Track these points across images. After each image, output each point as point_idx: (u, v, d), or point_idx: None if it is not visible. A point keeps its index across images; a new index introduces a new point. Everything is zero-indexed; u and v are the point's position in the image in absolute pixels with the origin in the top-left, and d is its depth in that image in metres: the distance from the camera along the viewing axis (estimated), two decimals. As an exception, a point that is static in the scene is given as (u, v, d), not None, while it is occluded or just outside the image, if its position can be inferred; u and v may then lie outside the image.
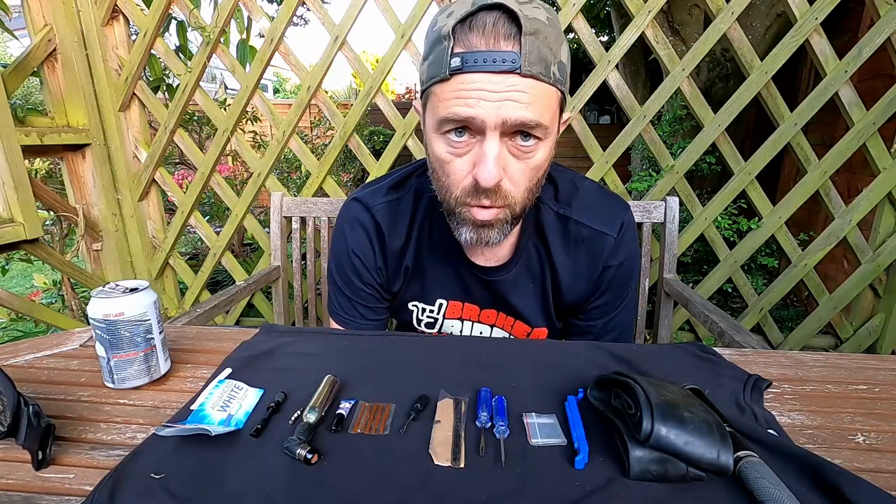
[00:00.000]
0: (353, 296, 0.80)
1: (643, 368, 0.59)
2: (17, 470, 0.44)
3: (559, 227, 0.71)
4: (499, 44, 0.50)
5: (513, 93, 0.51)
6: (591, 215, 0.71)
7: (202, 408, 0.51)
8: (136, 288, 0.58)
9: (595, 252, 0.71)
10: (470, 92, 0.52)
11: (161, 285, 1.88)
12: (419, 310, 0.80)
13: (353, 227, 0.76)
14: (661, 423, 0.39)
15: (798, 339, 1.63)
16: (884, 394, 0.56)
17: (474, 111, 0.52)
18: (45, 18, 1.47)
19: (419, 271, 0.77)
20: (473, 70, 0.51)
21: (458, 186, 0.59)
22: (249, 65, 1.61)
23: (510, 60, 0.50)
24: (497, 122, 0.52)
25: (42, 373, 0.62)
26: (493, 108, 0.51)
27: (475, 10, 0.51)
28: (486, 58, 0.50)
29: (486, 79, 0.51)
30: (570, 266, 0.72)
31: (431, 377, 0.58)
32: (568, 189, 0.72)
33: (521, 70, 0.50)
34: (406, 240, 0.75)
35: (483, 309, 0.78)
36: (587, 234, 0.71)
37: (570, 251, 0.72)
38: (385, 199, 0.75)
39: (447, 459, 0.44)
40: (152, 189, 1.77)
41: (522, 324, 0.78)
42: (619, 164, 1.53)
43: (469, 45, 0.51)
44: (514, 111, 0.52)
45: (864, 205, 1.46)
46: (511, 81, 0.51)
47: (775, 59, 1.37)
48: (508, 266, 0.73)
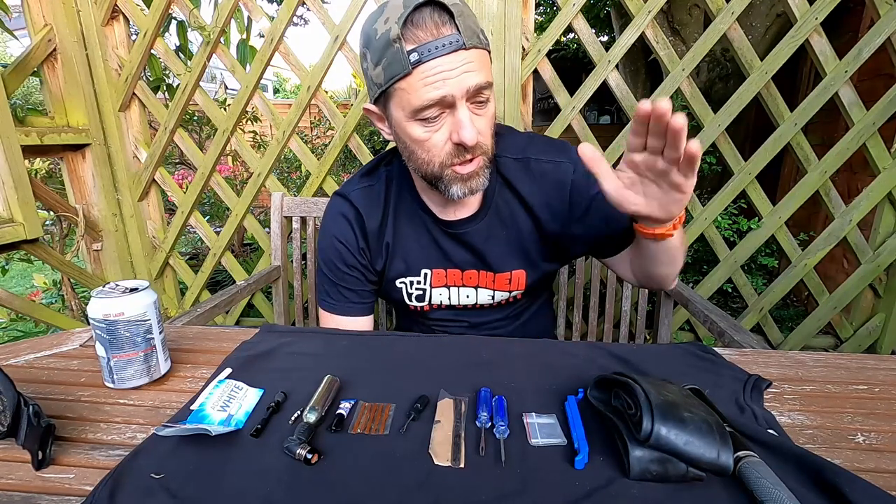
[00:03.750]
0: (338, 281, 0.85)
1: (643, 368, 0.59)
2: (17, 470, 0.44)
3: (522, 170, 0.79)
4: (441, 31, 0.60)
5: (465, 65, 0.61)
6: (546, 152, 0.80)
7: (202, 408, 0.51)
8: (136, 288, 0.58)
9: (560, 179, 0.78)
10: (434, 76, 0.61)
11: (161, 285, 1.88)
12: (407, 284, 0.85)
13: (334, 218, 0.84)
14: (662, 423, 0.39)
15: (798, 339, 1.63)
16: (884, 394, 0.56)
17: (443, 90, 0.61)
18: (45, 18, 1.47)
19: (400, 246, 0.83)
20: (430, 58, 0.60)
21: (439, 156, 0.68)
22: (249, 65, 1.60)
23: (454, 41, 0.60)
24: (462, 92, 0.62)
25: (42, 373, 0.62)
26: (455, 83, 0.61)
27: (411, 10, 0.60)
28: (437, 45, 0.60)
29: (443, 61, 0.60)
30: (542, 198, 0.79)
31: (431, 377, 0.58)
32: (520, 140, 0.82)
33: (466, 45, 0.61)
34: (383, 218, 0.83)
35: (464, 271, 0.84)
36: (548, 168, 0.79)
37: (539, 185, 0.79)
38: (359, 186, 0.84)
39: (447, 459, 0.44)
40: (152, 189, 1.77)
41: (501, 276, 0.83)
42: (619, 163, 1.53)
43: (418, 40, 0.60)
44: (471, 79, 0.62)
45: (864, 205, 1.46)
46: (461, 57, 0.61)
47: (775, 59, 1.36)
48: (478, 217, 0.80)
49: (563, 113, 1.46)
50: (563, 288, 1.28)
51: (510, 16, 1.35)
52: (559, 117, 1.47)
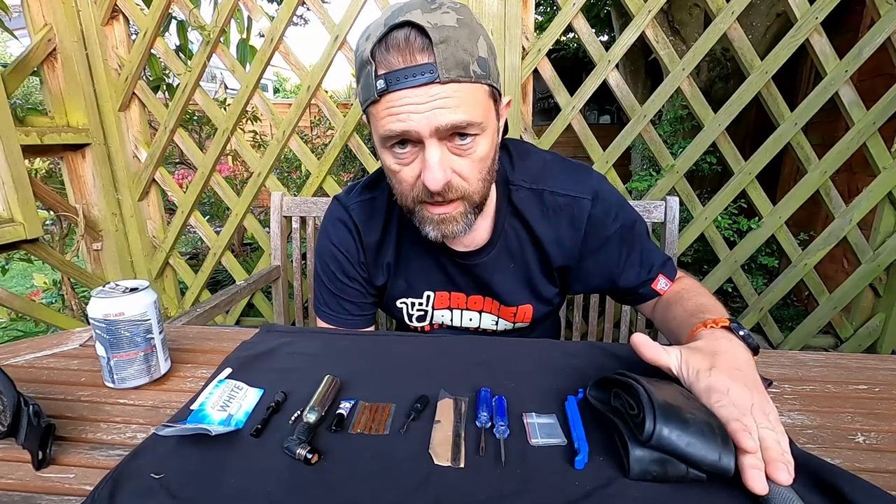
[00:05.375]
0: (338, 292, 0.82)
1: (643, 368, 0.59)
2: (17, 470, 0.44)
3: (536, 201, 0.74)
4: (415, 58, 0.53)
5: (438, 100, 0.54)
6: (562, 183, 0.74)
7: (202, 408, 0.51)
8: (136, 288, 0.58)
9: (574, 215, 0.74)
10: (400, 108, 0.55)
11: (161, 285, 1.88)
12: (408, 305, 0.82)
13: (335, 224, 0.80)
14: (664, 424, 0.39)
15: (798, 338, 1.63)
16: (884, 394, 0.56)
17: (406, 125, 0.55)
18: (44, 18, 1.47)
19: (402, 267, 0.80)
20: (398, 88, 0.54)
21: (410, 192, 0.63)
22: (249, 65, 1.60)
23: (428, 72, 0.53)
24: (430, 130, 0.56)
25: (42, 373, 0.62)
26: (423, 119, 0.55)
27: (388, 30, 0.54)
28: (407, 74, 0.53)
29: (411, 93, 0.54)
30: (553, 234, 0.75)
31: (431, 377, 0.58)
32: (536, 165, 0.75)
33: (440, 78, 0.53)
34: (382, 235, 0.78)
35: (469, 296, 0.81)
36: (563, 202, 0.73)
37: (551, 220, 0.74)
38: (359, 199, 0.79)
39: (447, 459, 0.44)
40: (152, 189, 1.77)
41: (507, 309, 0.80)
42: (620, 163, 1.53)
43: (389, 66, 0.54)
44: (443, 117, 0.55)
45: (864, 205, 1.46)
46: (434, 91, 0.54)
47: (775, 59, 1.36)
48: (487, 249, 0.76)
49: (563, 113, 1.46)
50: (563, 288, 1.28)
51: (510, 15, 1.35)
52: (559, 117, 1.47)
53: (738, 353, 0.49)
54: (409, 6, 0.55)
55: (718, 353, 0.48)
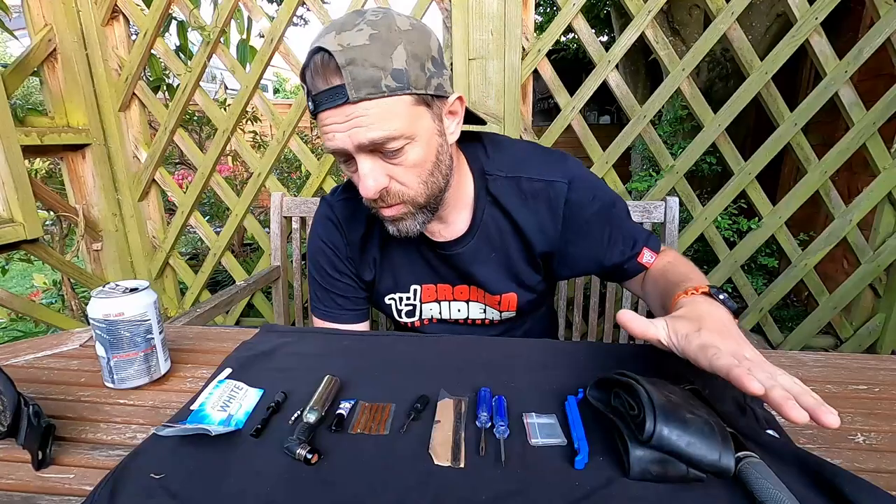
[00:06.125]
0: (330, 287, 0.84)
1: (643, 368, 0.59)
2: (17, 470, 0.44)
3: (514, 189, 0.75)
4: (332, 80, 0.55)
5: (354, 119, 0.56)
6: (538, 169, 0.75)
7: (202, 408, 0.51)
8: (136, 288, 0.58)
9: (551, 199, 0.74)
10: (327, 128, 0.59)
11: (161, 285, 1.88)
12: (397, 301, 0.84)
13: (322, 222, 0.83)
14: (664, 424, 0.39)
15: (798, 339, 1.63)
16: (884, 394, 0.56)
17: (334, 143, 0.59)
18: (45, 18, 1.47)
19: (387, 261, 0.82)
20: (322, 109, 0.57)
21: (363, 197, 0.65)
22: (249, 65, 1.60)
23: (341, 94, 0.55)
24: (353, 146, 0.58)
25: (42, 373, 0.62)
26: (345, 137, 0.58)
27: (310, 54, 0.57)
28: (327, 95, 0.56)
29: (333, 114, 0.57)
30: (534, 220, 0.75)
31: (431, 377, 0.58)
32: (513, 155, 0.77)
33: (350, 98, 0.55)
34: (366, 230, 0.80)
35: (455, 286, 0.82)
36: (540, 187, 0.74)
37: (530, 206, 0.75)
38: (342, 197, 0.82)
39: (447, 459, 0.44)
40: (152, 189, 1.77)
41: (492, 297, 0.81)
42: (619, 164, 1.53)
43: (315, 87, 0.57)
44: (360, 135, 0.57)
45: (864, 205, 1.46)
46: (348, 111, 0.56)
47: (775, 59, 1.36)
48: (465, 239, 0.77)
49: (563, 113, 1.46)
50: (563, 288, 1.28)
51: (510, 16, 1.35)
52: (559, 117, 1.47)
53: (721, 314, 0.51)
54: (332, 26, 0.57)
55: (703, 317, 0.50)
